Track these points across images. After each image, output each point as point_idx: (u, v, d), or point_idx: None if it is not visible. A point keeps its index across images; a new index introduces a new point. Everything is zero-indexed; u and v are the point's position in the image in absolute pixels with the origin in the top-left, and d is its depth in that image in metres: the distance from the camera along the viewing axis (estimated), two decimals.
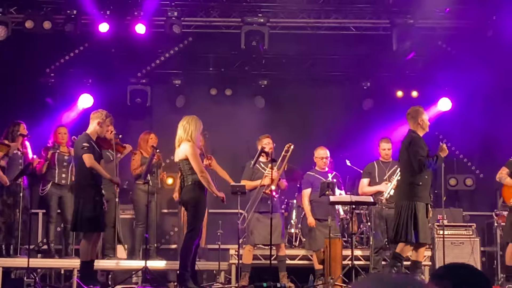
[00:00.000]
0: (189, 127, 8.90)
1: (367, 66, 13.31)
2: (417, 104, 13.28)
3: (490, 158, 11.30)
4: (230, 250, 11.31)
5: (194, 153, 8.83)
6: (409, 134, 9.07)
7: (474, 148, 13.26)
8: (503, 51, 12.20)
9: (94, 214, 8.87)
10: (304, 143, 11.76)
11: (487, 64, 12.68)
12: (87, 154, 8.87)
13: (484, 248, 11.80)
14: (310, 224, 10.74)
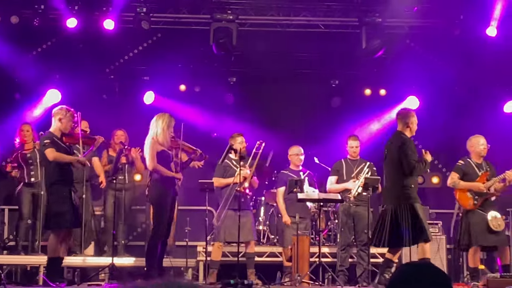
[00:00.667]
0: (156, 124, 8.98)
1: (336, 64, 13.35)
2: (385, 102, 13.48)
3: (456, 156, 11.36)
4: (198, 247, 11.32)
5: (149, 149, 8.91)
6: (399, 135, 9.10)
7: (441, 146, 13.35)
8: (469, 50, 12.32)
9: (62, 210, 8.80)
10: (272, 141, 11.77)
11: (454, 63, 12.80)
12: (48, 148, 8.84)
13: (450, 246, 11.90)
14: (286, 222, 10.74)
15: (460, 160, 10.21)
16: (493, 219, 9.80)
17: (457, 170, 10.14)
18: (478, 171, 10.04)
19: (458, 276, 11.30)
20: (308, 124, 13.07)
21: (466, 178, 10.05)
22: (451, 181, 10.14)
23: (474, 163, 10.08)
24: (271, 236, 11.75)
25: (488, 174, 9.98)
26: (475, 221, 9.89)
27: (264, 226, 11.83)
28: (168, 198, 9.05)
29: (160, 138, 8.99)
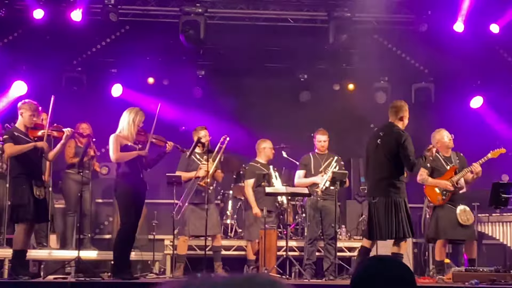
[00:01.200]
0: (123, 118, 8.94)
1: (304, 58, 13.36)
2: (353, 97, 13.52)
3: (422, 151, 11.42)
4: (165, 240, 11.29)
5: (112, 144, 8.85)
6: (393, 127, 8.94)
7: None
8: (437, 45, 12.41)
9: (21, 203, 8.71)
10: (240, 134, 11.78)
11: (422, 58, 12.89)
12: (6, 144, 8.77)
13: (416, 240, 11.97)
14: (256, 214, 10.71)
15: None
16: (462, 213, 9.87)
17: (425, 166, 10.20)
18: (446, 165, 10.11)
19: (424, 270, 11.38)
20: (276, 118, 13.06)
21: (436, 173, 10.12)
22: (420, 177, 10.19)
23: (442, 157, 10.15)
24: (238, 230, 11.74)
25: (456, 168, 10.05)
26: (443, 214, 9.96)
27: (232, 220, 11.82)
28: (133, 192, 8.97)
29: (125, 132, 8.93)
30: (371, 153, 9.03)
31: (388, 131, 8.94)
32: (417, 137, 12.92)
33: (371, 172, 9.03)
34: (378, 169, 8.89)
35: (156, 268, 11.15)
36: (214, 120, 11.76)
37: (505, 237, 10.92)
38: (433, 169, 10.13)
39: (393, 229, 8.64)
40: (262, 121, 12.93)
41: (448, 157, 10.16)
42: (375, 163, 8.95)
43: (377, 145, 8.92)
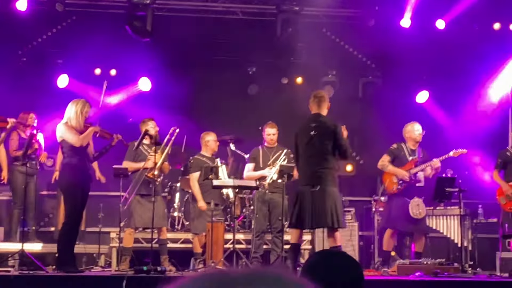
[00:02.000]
0: (69, 109, 8.86)
1: (253, 51, 13.35)
2: (301, 90, 13.57)
3: (369, 145, 11.58)
4: (111, 233, 11.20)
5: (66, 130, 8.77)
6: (323, 117, 8.99)
7: (354, 135, 13.53)
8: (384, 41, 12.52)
9: None
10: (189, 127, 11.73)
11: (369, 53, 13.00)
12: None
13: (362, 233, 12.08)
14: (201, 207, 10.69)
15: (394, 144, 10.42)
16: (415, 206, 10.01)
17: (389, 153, 10.35)
18: (408, 156, 10.26)
19: (369, 262, 11.49)
20: (225, 111, 13.05)
21: (397, 162, 10.27)
22: (381, 163, 10.35)
23: (408, 149, 10.30)
24: (185, 223, 11.70)
25: (416, 161, 10.20)
26: (397, 205, 10.10)
27: (179, 213, 11.78)
28: (78, 184, 8.88)
29: (73, 122, 8.84)
30: (304, 145, 8.94)
31: (320, 122, 8.93)
32: (364, 130, 13.14)
33: (308, 162, 8.92)
34: (317, 159, 8.83)
35: (101, 261, 11.05)
36: (162, 112, 11.69)
37: (449, 230, 11.12)
38: (395, 156, 10.27)
39: (333, 218, 8.66)
40: (211, 114, 12.91)
41: (413, 150, 10.32)
42: (312, 154, 8.88)
43: (311, 137, 8.87)
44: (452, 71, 13.22)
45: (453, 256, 11.56)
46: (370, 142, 11.47)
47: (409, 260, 9.74)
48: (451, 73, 13.29)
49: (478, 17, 12.11)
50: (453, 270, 9.27)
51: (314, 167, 8.85)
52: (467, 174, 13.06)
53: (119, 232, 10.40)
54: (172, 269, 9.61)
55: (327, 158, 8.81)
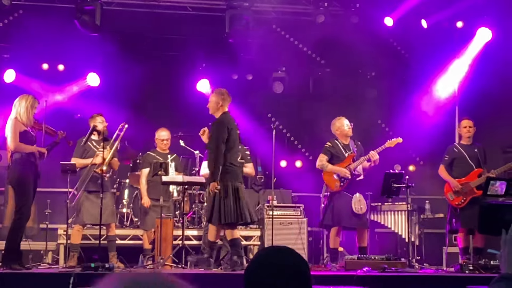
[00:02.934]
0: (19, 104, 8.80)
1: (203, 47, 13.32)
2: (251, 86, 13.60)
3: (318, 141, 11.62)
4: (59, 230, 11.09)
5: (11, 129, 8.70)
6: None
7: (304, 131, 13.62)
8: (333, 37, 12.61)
9: None
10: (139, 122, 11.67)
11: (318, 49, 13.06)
12: None
13: (311, 228, 12.14)
14: (144, 204, 10.70)
15: (328, 142, 10.48)
16: (356, 201, 10.10)
17: (325, 152, 10.40)
18: (344, 152, 10.33)
19: (318, 258, 11.56)
20: (174, 107, 13.00)
21: (334, 159, 10.33)
22: (319, 163, 10.40)
23: (341, 145, 10.37)
24: (134, 219, 11.64)
25: (354, 155, 10.28)
26: (339, 202, 10.18)
27: (128, 209, 11.71)
28: (30, 179, 8.81)
29: (24, 117, 8.79)
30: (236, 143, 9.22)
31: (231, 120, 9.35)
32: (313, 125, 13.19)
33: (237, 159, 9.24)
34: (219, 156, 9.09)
35: (49, 258, 10.93)
36: (111, 108, 11.58)
37: (396, 225, 11.23)
38: (332, 155, 10.34)
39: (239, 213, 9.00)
40: (161, 110, 12.84)
41: (347, 145, 10.39)
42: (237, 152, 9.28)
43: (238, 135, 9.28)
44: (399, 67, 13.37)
45: (401, 251, 11.70)
46: (320, 138, 11.51)
47: (357, 256, 9.82)
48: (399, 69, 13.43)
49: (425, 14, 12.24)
50: (400, 265, 9.37)
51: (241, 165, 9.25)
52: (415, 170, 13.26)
53: (66, 229, 10.29)
54: (121, 266, 9.56)
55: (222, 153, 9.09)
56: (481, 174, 10.00)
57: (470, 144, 10.36)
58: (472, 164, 10.18)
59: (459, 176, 10.20)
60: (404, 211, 10.96)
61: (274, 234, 10.35)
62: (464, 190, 10.04)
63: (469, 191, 10.02)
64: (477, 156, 10.21)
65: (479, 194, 9.83)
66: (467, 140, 10.38)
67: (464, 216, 10.01)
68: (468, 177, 10.13)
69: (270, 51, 13.07)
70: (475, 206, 9.69)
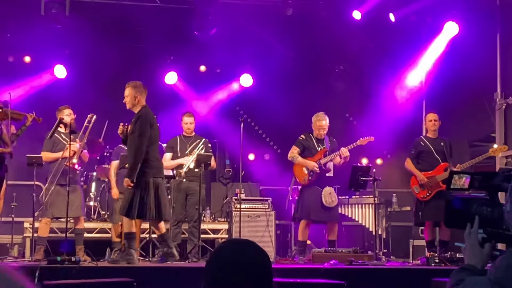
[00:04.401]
0: None
1: (172, 39, 13.26)
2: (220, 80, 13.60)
3: (287, 134, 11.65)
4: (25, 223, 10.99)
5: None
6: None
7: (273, 125, 13.63)
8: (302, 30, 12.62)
9: None
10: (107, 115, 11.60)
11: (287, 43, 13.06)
12: None
13: (279, 221, 12.17)
14: (114, 195, 10.69)
15: (302, 135, 10.50)
16: (327, 195, 10.13)
17: (297, 144, 10.43)
18: (317, 146, 10.36)
19: (286, 251, 11.60)
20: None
21: (306, 152, 10.36)
22: (290, 154, 10.43)
23: (315, 139, 10.40)
24: (102, 212, 11.58)
25: (326, 151, 10.31)
26: (309, 195, 10.20)
27: (95, 202, 11.66)
28: None
29: None
30: (155, 137, 9.06)
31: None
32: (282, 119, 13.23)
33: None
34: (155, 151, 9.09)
35: (14, 251, 10.84)
36: (79, 100, 11.47)
37: (364, 218, 11.32)
38: (304, 148, 10.37)
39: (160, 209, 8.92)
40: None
41: (321, 140, 10.42)
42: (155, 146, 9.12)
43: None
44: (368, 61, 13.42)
45: (368, 244, 11.78)
46: (289, 131, 11.54)
47: (324, 249, 9.86)
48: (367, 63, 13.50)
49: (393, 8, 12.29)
50: (367, 258, 9.43)
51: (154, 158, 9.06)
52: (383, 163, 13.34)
53: (33, 222, 10.20)
54: (87, 259, 9.49)
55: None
56: (447, 168, 10.07)
57: (436, 137, 10.43)
58: (438, 158, 10.25)
59: (425, 169, 10.26)
60: (371, 204, 11.03)
61: (242, 227, 10.37)
62: (430, 183, 10.11)
63: (435, 185, 10.09)
64: (443, 150, 10.28)
65: (444, 188, 9.91)
66: (433, 134, 10.45)
67: (429, 209, 10.07)
68: (435, 171, 10.20)
69: (238, 44, 13.05)
70: (440, 200, 9.81)
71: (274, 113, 13.17)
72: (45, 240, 10.09)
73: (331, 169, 10.40)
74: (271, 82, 13.45)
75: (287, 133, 12.20)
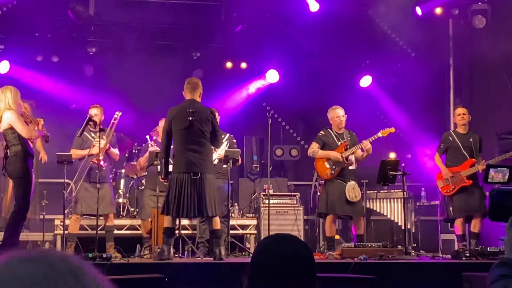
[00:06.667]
0: (5, 97, 8.63)
1: (197, 36, 13.31)
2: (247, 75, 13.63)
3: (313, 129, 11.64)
4: (56, 220, 11.09)
5: (17, 119, 8.57)
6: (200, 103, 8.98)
7: (299, 119, 13.64)
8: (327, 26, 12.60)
9: None
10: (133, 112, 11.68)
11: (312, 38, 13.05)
12: None
13: (307, 217, 12.18)
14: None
15: (321, 131, 10.46)
16: (351, 189, 10.08)
17: (317, 140, 10.40)
18: (337, 141, 10.32)
19: (315, 246, 11.59)
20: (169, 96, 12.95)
21: (326, 148, 10.31)
22: (310, 150, 10.40)
23: (334, 134, 10.36)
24: (131, 209, 11.66)
25: (347, 144, 10.26)
26: (333, 190, 10.15)
27: (124, 199, 11.73)
28: (30, 172, 8.75)
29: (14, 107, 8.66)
30: (181, 131, 8.79)
31: (197, 108, 8.86)
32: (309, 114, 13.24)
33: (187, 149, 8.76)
34: (196, 145, 8.77)
35: None
36: (105, 98, 11.55)
37: (392, 213, 11.28)
38: (324, 144, 10.33)
39: (213, 208, 8.74)
40: (155, 99, 12.82)
41: (341, 134, 10.38)
42: (190, 140, 8.78)
43: (190, 122, 8.75)
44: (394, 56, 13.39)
45: (397, 238, 11.74)
46: (316, 126, 11.52)
47: (354, 243, 9.84)
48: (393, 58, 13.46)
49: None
50: (397, 252, 9.40)
51: (194, 154, 8.77)
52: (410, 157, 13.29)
53: (63, 219, 10.29)
54: (118, 256, 9.56)
55: (206, 144, 8.84)
56: (474, 164, 10.02)
57: (465, 132, 10.34)
58: (466, 154, 10.16)
59: (452, 165, 10.22)
60: (400, 198, 10.98)
61: (271, 223, 10.36)
62: (455, 179, 10.08)
63: (459, 180, 10.04)
64: (471, 146, 10.20)
65: (469, 183, 9.97)
66: (462, 129, 10.37)
67: (456, 204, 10.06)
68: (461, 167, 10.14)
69: (264, 40, 13.07)
70: (463, 194, 9.98)
71: (300, 108, 13.17)
72: (75, 237, 10.18)
73: (353, 162, 10.35)
74: (298, 77, 13.45)
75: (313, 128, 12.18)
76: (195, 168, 8.69)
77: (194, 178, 8.65)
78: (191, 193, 8.65)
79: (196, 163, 8.72)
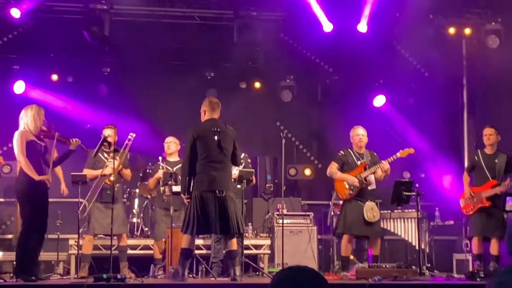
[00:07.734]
0: (25, 115, 8.70)
1: (211, 56, 13.37)
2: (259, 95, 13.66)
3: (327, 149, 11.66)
4: (70, 240, 11.11)
5: (18, 141, 8.60)
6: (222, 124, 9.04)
7: (313, 139, 13.64)
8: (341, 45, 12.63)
9: None
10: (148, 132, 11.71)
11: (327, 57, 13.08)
12: None
13: (321, 236, 12.16)
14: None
15: (341, 151, 10.44)
16: (369, 209, 10.04)
17: (336, 160, 10.38)
18: (357, 160, 10.30)
19: (329, 266, 11.56)
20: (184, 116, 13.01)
21: (346, 167, 10.29)
22: (329, 170, 10.38)
23: (354, 153, 10.34)
24: (145, 229, 11.67)
25: (366, 164, 10.23)
26: (351, 210, 10.12)
27: (138, 219, 11.75)
28: (34, 191, 8.71)
29: (31, 127, 8.69)
30: (207, 149, 8.78)
31: (221, 128, 8.94)
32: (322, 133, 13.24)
33: (213, 167, 8.75)
34: (219, 163, 8.79)
35: (60, 268, 10.97)
36: (120, 118, 11.61)
37: (406, 233, 11.23)
38: (343, 163, 10.31)
39: (238, 225, 8.75)
40: (169, 119, 12.87)
41: (361, 154, 10.35)
42: (216, 159, 8.78)
43: (217, 142, 8.77)
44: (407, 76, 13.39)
45: (411, 258, 11.69)
46: (329, 146, 11.55)
47: (368, 264, 9.80)
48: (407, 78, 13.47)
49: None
50: (411, 273, 9.34)
51: (219, 172, 8.79)
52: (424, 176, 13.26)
53: (77, 239, 10.31)
54: (132, 276, 9.56)
55: (228, 163, 8.90)
56: (496, 186, 9.99)
57: (492, 153, 10.29)
58: (488, 175, 10.14)
59: (476, 184, 10.24)
60: (414, 218, 10.94)
61: (284, 243, 10.33)
62: (474, 199, 10.06)
63: (479, 200, 10.03)
64: (495, 167, 10.16)
65: (487, 205, 9.96)
66: (489, 149, 10.31)
67: (473, 224, 10.05)
68: (483, 187, 10.12)
69: (278, 60, 13.11)
70: (481, 215, 10.01)
71: (314, 128, 13.18)
72: (89, 257, 10.20)
73: (372, 182, 10.32)
74: (311, 97, 13.46)
75: (327, 147, 12.21)
76: (218, 186, 8.69)
77: (219, 196, 8.65)
78: (215, 211, 8.64)
79: (220, 181, 8.73)
